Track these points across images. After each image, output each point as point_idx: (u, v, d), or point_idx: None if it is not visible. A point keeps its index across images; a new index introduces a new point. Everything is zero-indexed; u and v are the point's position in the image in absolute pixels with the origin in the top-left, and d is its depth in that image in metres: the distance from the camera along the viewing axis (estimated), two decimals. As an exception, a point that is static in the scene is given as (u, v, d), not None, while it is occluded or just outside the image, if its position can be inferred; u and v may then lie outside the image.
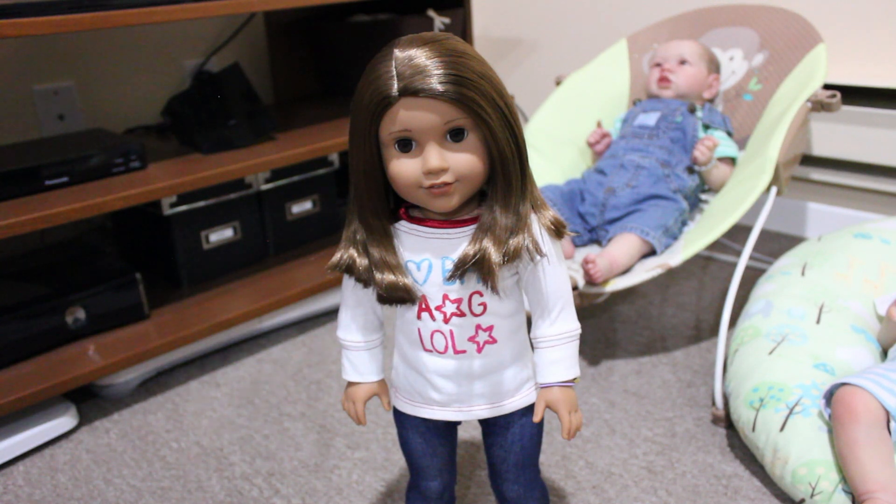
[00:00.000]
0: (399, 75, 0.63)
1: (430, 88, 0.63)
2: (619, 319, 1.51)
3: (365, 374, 0.82)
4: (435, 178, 0.67)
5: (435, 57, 0.64)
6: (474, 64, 0.66)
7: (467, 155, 0.67)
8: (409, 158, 0.67)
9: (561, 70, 1.90)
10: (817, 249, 1.31)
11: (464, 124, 0.66)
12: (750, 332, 1.16)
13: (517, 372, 0.77)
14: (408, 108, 0.64)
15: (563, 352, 0.75)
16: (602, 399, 1.25)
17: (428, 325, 0.74)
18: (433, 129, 0.65)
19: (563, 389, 0.75)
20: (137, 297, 1.38)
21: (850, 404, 0.91)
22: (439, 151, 0.66)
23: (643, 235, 1.31)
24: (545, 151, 1.61)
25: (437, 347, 0.75)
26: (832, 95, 1.31)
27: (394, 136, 0.66)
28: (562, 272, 0.74)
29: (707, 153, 1.41)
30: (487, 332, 0.74)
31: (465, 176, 0.68)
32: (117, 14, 1.20)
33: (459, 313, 0.73)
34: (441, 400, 0.78)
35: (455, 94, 0.64)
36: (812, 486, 0.93)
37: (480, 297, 0.73)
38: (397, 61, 0.64)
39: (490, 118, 0.66)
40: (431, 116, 0.65)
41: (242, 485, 1.11)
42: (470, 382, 0.76)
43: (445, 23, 1.83)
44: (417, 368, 0.77)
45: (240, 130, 1.53)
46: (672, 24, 1.69)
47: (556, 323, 0.75)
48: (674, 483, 1.05)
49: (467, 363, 0.75)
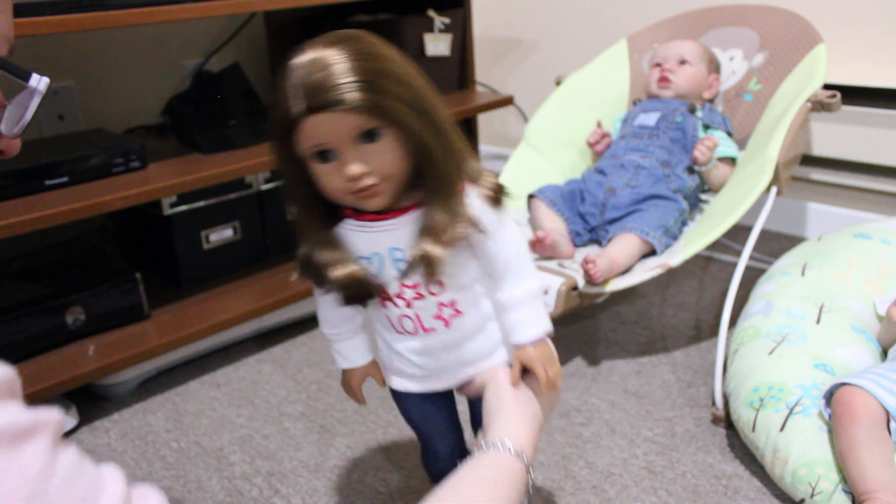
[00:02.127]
0: (303, 92, 0.63)
1: (332, 101, 0.63)
2: (619, 319, 1.51)
3: (353, 359, 0.86)
4: (358, 184, 0.67)
5: (335, 65, 0.63)
6: (375, 62, 0.65)
7: (385, 154, 0.67)
8: (331, 167, 0.67)
9: (561, 70, 1.90)
10: (817, 249, 1.31)
11: (374, 126, 0.65)
12: (750, 332, 1.16)
13: (488, 337, 0.79)
14: (315, 123, 0.64)
15: (528, 310, 0.76)
16: (602, 399, 1.25)
17: (394, 311, 0.77)
18: (345, 137, 0.65)
19: (536, 346, 0.76)
20: (137, 297, 1.38)
21: (850, 404, 0.91)
22: (356, 157, 0.66)
23: (643, 235, 1.31)
24: (545, 151, 1.61)
25: (407, 329, 0.77)
26: (832, 95, 1.31)
27: (311, 149, 0.66)
28: (510, 236, 0.75)
29: (707, 153, 1.41)
30: (451, 306, 0.76)
31: (387, 174, 0.68)
32: (117, 14, 1.20)
33: (419, 296, 0.75)
34: (423, 375, 0.81)
35: (358, 102, 0.63)
36: (812, 486, 0.93)
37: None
38: (299, 76, 0.64)
39: (400, 114, 0.65)
40: (339, 127, 0.64)
41: (242, 485, 1.11)
42: (446, 354, 0.79)
43: (445, 23, 1.83)
44: (396, 349, 0.80)
45: (240, 130, 1.53)
46: (672, 25, 1.69)
47: (515, 285, 0.76)
48: (674, 483, 1.05)
49: (439, 339, 0.77)
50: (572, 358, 1.39)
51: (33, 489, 0.34)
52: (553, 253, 1.35)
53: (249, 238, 1.61)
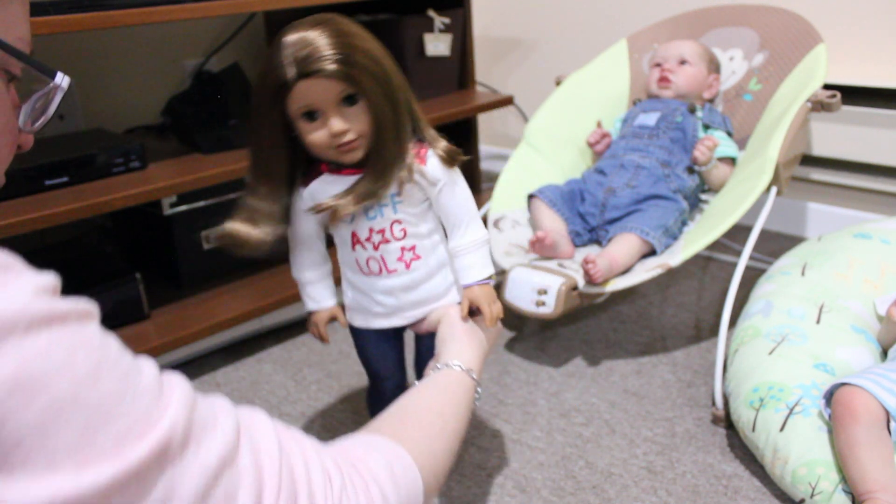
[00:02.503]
0: (294, 61, 0.77)
1: (318, 70, 0.77)
2: (619, 319, 1.51)
3: (320, 301, 0.99)
4: (341, 139, 0.81)
5: (318, 40, 0.77)
6: (354, 41, 0.79)
7: (362, 116, 0.81)
8: (317, 125, 0.81)
9: (561, 70, 1.90)
10: (817, 249, 1.31)
11: (353, 91, 0.79)
12: (750, 332, 1.16)
13: (442, 279, 0.93)
14: (305, 87, 0.78)
15: (476, 256, 0.90)
16: (602, 399, 1.25)
17: (362, 254, 0.90)
18: (329, 100, 0.79)
19: (481, 287, 0.90)
20: (137, 296, 1.38)
21: (850, 404, 0.91)
22: (339, 117, 0.80)
23: (643, 235, 1.31)
24: (545, 151, 1.61)
25: (373, 271, 0.91)
26: (832, 95, 1.31)
27: (300, 110, 0.80)
28: (462, 191, 0.89)
29: (707, 153, 1.41)
30: (411, 251, 0.90)
31: (363, 132, 0.82)
32: (117, 14, 1.20)
33: (385, 240, 0.88)
34: (385, 312, 0.93)
35: (339, 71, 0.77)
36: (812, 486, 0.93)
37: (400, 224, 0.88)
38: (290, 50, 0.77)
39: (368, 86, 0.79)
40: (325, 91, 0.78)
41: (242, 485, 1.11)
42: (406, 294, 0.91)
43: (445, 23, 1.83)
44: (362, 290, 0.93)
45: (240, 130, 1.53)
46: (672, 24, 1.69)
47: (467, 234, 0.90)
48: (674, 483, 1.05)
49: (400, 279, 0.90)
50: (572, 358, 1.39)
51: (99, 357, 0.42)
52: (553, 253, 1.35)
53: (249, 238, 1.60)
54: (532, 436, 1.17)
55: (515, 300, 1.27)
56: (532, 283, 1.25)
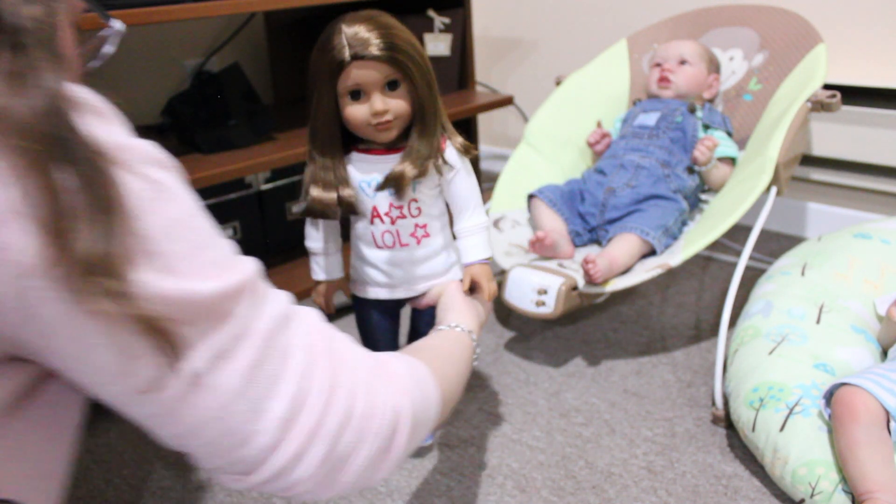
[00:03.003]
0: (349, 45, 0.88)
1: (371, 54, 0.88)
2: (619, 319, 1.52)
3: (330, 273, 1.07)
4: (380, 118, 0.91)
5: (373, 30, 0.88)
6: (402, 34, 0.91)
7: (400, 101, 0.92)
8: (359, 105, 0.91)
9: (561, 70, 1.90)
10: (817, 249, 1.31)
11: (396, 77, 0.90)
12: (750, 333, 1.16)
13: (446, 257, 1.03)
14: (357, 68, 0.89)
15: (479, 238, 1.01)
16: (602, 399, 1.25)
17: (379, 227, 0.99)
18: (376, 82, 0.90)
19: (481, 266, 1.00)
20: (137, 297, 1.38)
21: (850, 404, 0.91)
22: (381, 98, 0.91)
23: (643, 235, 1.31)
24: (545, 151, 1.61)
25: (386, 244, 1.00)
26: (832, 95, 1.31)
27: (348, 88, 0.90)
28: (472, 179, 1.00)
29: (707, 153, 1.41)
30: (423, 228, 1.00)
31: (399, 115, 0.92)
32: (117, 14, 1.19)
33: (402, 216, 0.99)
34: (391, 283, 1.03)
35: (389, 57, 0.88)
36: (812, 486, 0.93)
37: (416, 202, 0.98)
38: (346, 35, 0.88)
39: (414, 74, 0.90)
40: (374, 73, 0.89)
41: (242, 485, 1.11)
42: (413, 267, 1.02)
43: (445, 23, 1.83)
44: (372, 263, 1.02)
45: (240, 130, 1.53)
46: (672, 25, 1.69)
47: (472, 218, 1.00)
48: (674, 483, 1.05)
49: (410, 253, 1.01)
50: (572, 358, 1.39)
51: (195, 201, 0.52)
52: (553, 253, 1.35)
53: (249, 238, 1.61)
54: (532, 436, 1.17)
55: (515, 300, 1.27)
56: (532, 283, 1.25)
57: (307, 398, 0.54)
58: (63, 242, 0.43)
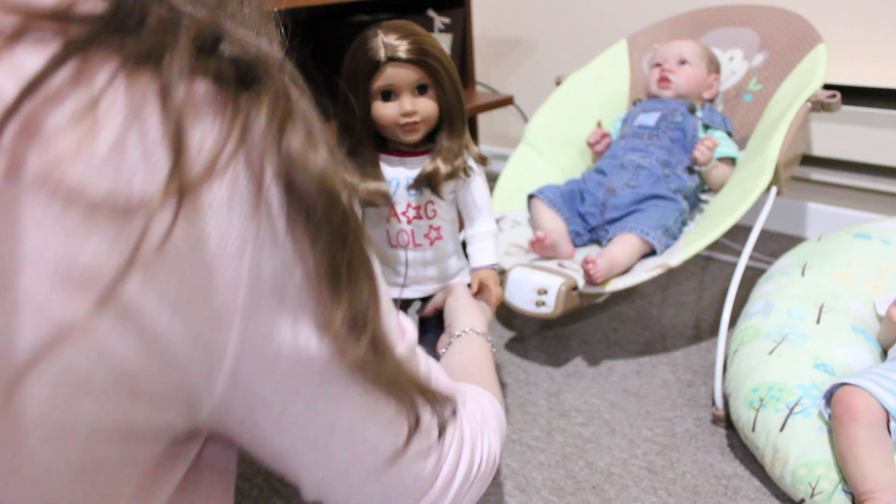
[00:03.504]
0: (385, 47, 0.92)
1: (405, 57, 0.92)
2: (619, 319, 1.51)
3: None
4: (409, 118, 0.94)
5: (407, 36, 0.92)
6: (434, 42, 0.94)
7: (429, 102, 0.95)
8: (390, 104, 0.94)
9: (561, 70, 1.90)
10: (817, 249, 1.31)
11: (427, 82, 0.94)
12: (750, 333, 1.16)
13: (456, 261, 1.06)
14: (390, 68, 0.92)
15: (489, 244, 1.05)
16: (602, 399, 1.25)
17: (395, 226, 1.02)
18: (407, 84, 0.93)
19: (489, 270, 1.04)
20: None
21: (850, 404, 0.91)
22: (411, 99, 0.94)
23: (643, 235, 1.31)
24: (545, 151, 1.61)
25: (401, 243, 1.03)
26: (832, 95, 1.31)
27: (380, 88, 0.94)
28: (485, 187, 1.05)
29: (707, 153, 1.41)
30: (437, 230, 1.02)
31: (426, 117, 0.95)
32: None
33: (418, 216, 1.01)
34: (402, 283, 1.05)
35: (421, 61, 0.92)
36: (812, 486, 0.93)
37: (433, 205, 1.01)
38: (382, 39, 0.92)
39: (443, 80, 0.94)
40: (406, 75, 0.93)
41: (242, 484, 1.11)
42: (424, 268, 1.04)
43: (445, 23, 1.83)
44: (385, 261, 1.05)
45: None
46: (672, 25, 1.69)
47: (483, 224, 1.05)
48: (674, 483, 1.05)
49: (423, 253, 1.03)
50: (572, 358, 1.39)
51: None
52: (553, 253, 1.35)
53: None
54: (532, 436, 1.17)
55: (515, 300, 1.27)
56: (532, 283, 1.25)
57: (449, 456, 0.56)
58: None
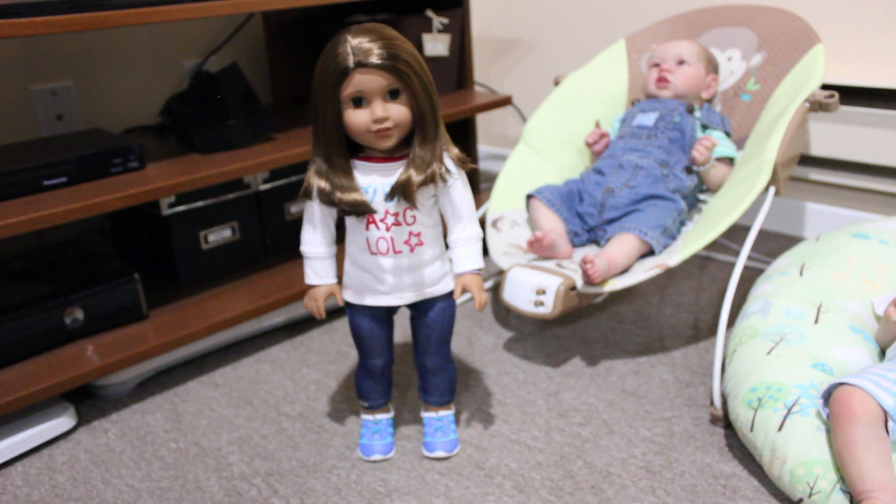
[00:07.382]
0: (353, 53, 0.90)
1: (374, 62, 0.90)
2: (618, 319, 1.52)
3: (324, 277, 1.08)
4: (380, 125, 0.93)
5: (377, 41, 0.90)
6: (405, 45, 0.93)
7: (401, 108, 0.94)
8: (361, 111, 0.93)
9: (560, 70, 1.90)
10: (815, 249, 1.32)
11: (398, 87, 0.93)
12: (748, 332, 1.17)
13: (439, 267, 1.06)
14: (360, 76, 0.91)
15: (472, 249, 1.04)
16: (600, 399, 1.26)
17: (374, 233, 1.01)
18: (377, 90, 0.92)
19: (473, 276, 1.04)
20: (136, 297, 1.38)
21: (848, 404, 0.91)
22: (382, 105, 0.93)
23: (641, 235, 1.31)
24: (544, 151, 1.61)
25: (381, 250, 1.02)
26: (830, 95, 1.31)
27: (350, 95, 0.93)
28: (467, 191, 1.03)
29: (705, 153, 1.41)
30: (417, 236, 1.02)
31: (399, 123, 0.94)
32: (116, 14, 1.20)
33: (397, 223, 1.01)
34: (383, 290, 1.05)
35: (391, 66, 0.91)
36: (810, 485, 0.93)
37: (411, 211, 1.00)
38: (351, 44, 0.90)
39: (414, 84, 0.93)
40: (376, 81, 0.91)
41: (241, 485, 1.11)
42: (405, 275, 1.04)
43: (444, 23, 1.83)
44: (366, 268, 1.04)
45: (238, 130, 1.53)
46: (670, 25, 1.69)
47: (466, 228, 1.04)
48: (672, 483, 1.06)
49: (403, 260, 1.03)
50: (571, 358, 1.39)
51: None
52: (551, 253, 1.35)
53: (248, 238, 1.61)
54: (531, 435, 1.18)
55: (514, 300, 1.27)
56: (530, 283, 1.25)
57: None
58: None
